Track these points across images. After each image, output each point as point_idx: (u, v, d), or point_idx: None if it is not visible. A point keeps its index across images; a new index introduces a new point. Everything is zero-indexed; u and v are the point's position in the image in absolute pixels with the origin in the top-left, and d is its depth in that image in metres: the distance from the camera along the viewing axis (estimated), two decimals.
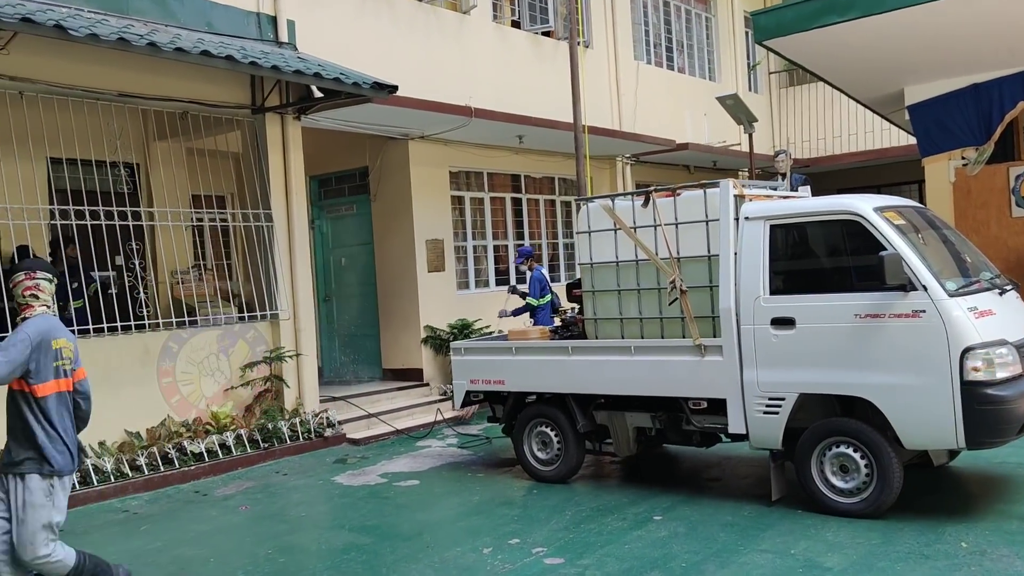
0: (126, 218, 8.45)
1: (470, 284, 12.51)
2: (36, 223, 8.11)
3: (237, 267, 10.83)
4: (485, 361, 7.72)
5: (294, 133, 9.77)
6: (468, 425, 10.34)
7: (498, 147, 12.64)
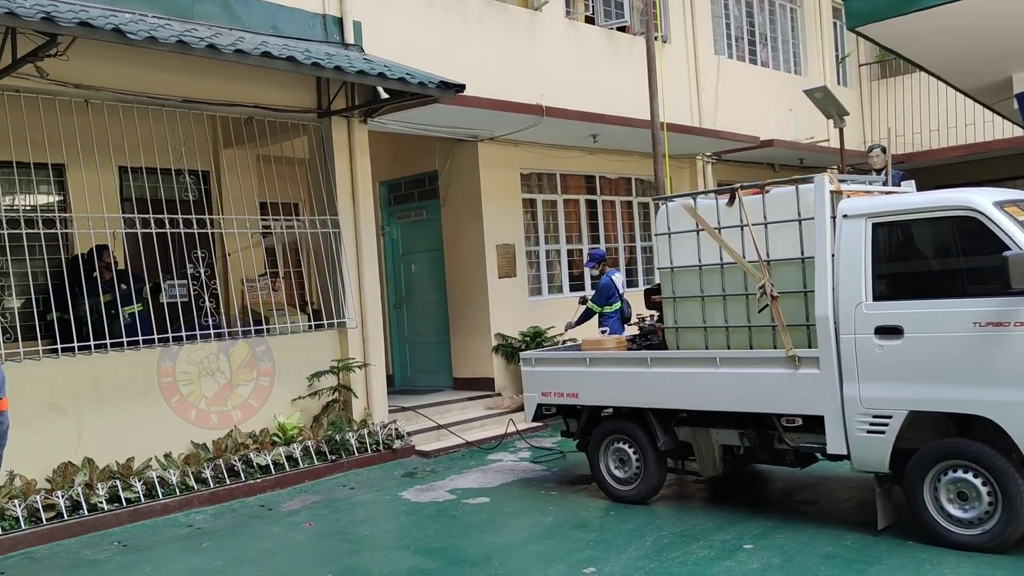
0: (193, 225, 8.30)
1: (543, 290, 12.08)
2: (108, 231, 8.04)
3: (308, 275, 10.65)
4: (557, 373, 7.27)
5: (360, 136, 9.52)
6: (541, 437, 9.91)
7: (571, 147, 12.19)
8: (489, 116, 9.98)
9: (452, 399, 10.66)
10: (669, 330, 6.88)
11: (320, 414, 9.02)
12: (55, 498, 6.88)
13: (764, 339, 6.25)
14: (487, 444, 9.63)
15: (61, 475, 7.11)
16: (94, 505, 7.05)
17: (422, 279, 11.87)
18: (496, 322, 11.13)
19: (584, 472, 7.81)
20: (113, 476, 7.32)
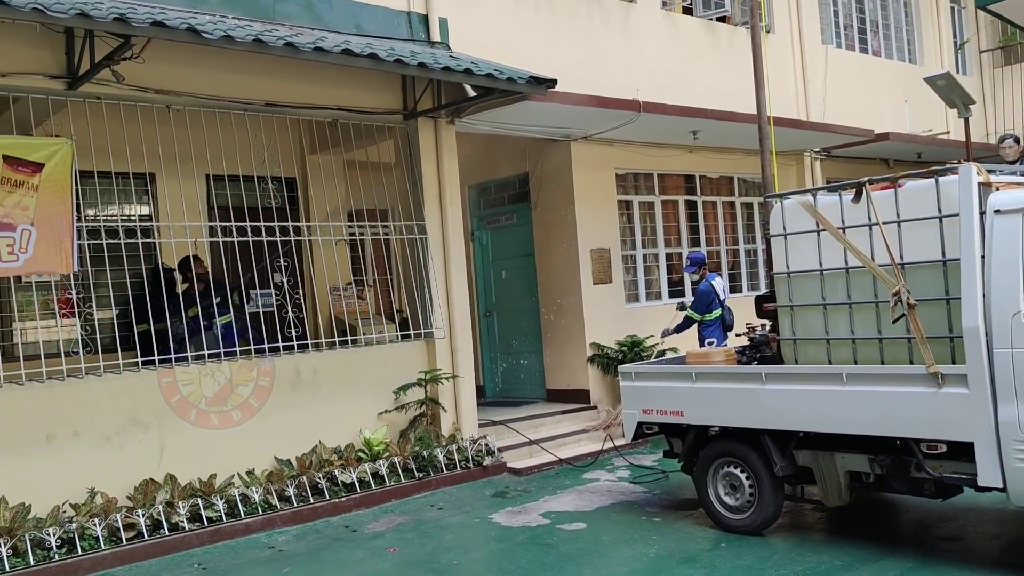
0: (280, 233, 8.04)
1: (640, 296, 11.42)
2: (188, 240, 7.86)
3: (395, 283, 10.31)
4: (660, 388, 6.65)
5: (448, 138, 9.11)
6: (641, 455, 9.27)
7: (669, 145, 11.51)
8: (582, 113, 9.43)
9: (545, 412, 10.13)
10: (786, 342, 6.18)
11: (407, 429, 8.63)
12: (135, 517, 6.66)
13: (898, 353, 5.51)
14: (582, 461, 9.06)
15: (142, 492, 6.90)
16: (175, 524, 6.80)
17: (513, 286, 11.39)
18: (591, 331, 10.55)
19: (689, 495, 7.16)
20: (195, 494, 7.08)
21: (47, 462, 6.64)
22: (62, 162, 6.74)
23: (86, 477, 6.76)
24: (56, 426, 6.72)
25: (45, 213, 6.61)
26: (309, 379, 8.11)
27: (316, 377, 8.15)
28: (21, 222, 6.50)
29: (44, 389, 6.64)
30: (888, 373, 5.38)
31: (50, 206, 6.64)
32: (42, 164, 6.65)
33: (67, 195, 6.74)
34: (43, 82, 6.72)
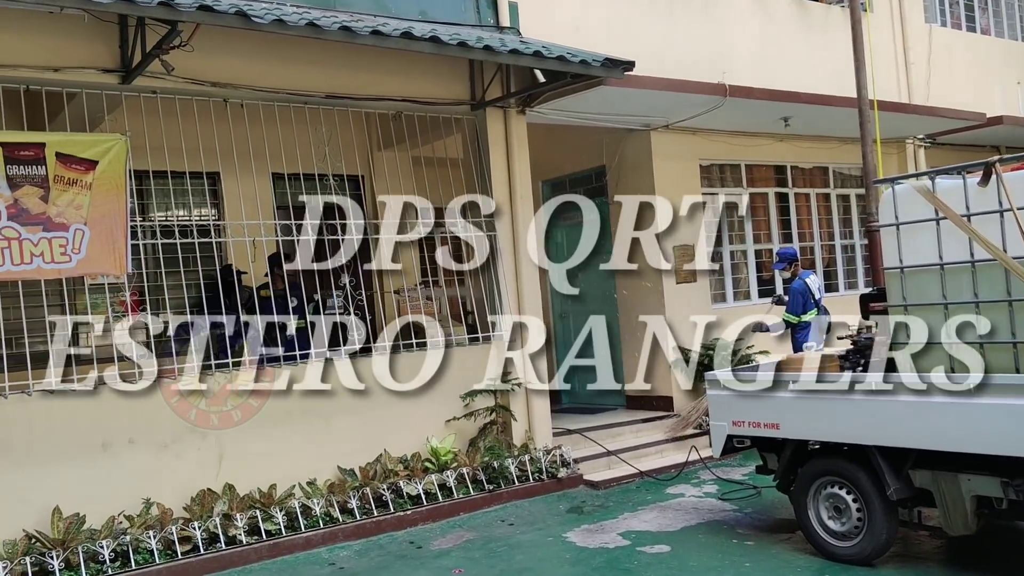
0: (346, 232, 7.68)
1: (727, 296, 10.68)
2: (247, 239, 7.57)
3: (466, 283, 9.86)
4: (753, 398, 5.97)
5: (518, 128, 8.58)
6: (729, 467, 8.56)
7: (758, 134, 10.74)
8: (662, 99, 8.78)
9: (624, 420, 9.50)
10: (898, 346, 5.43)
11: (476, 437, 8.14)
12: (191, 529, 6.34)
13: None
14: (665, 474, 8.41)
15: (199, 503, 6.59)
16: (232, 538, 6.46)
17: (590, 286, 10.78)
18: (674, 333, 9.87)
19: (786, 515, 6.47)
20: (253, 505, 6.73)
21: (102, 471, 6.38)
22: (116, 159, 6.48)
23: (142, 486, 6.48)
24: (112, 433, 6.46)
25: (99, 212, 6.36)
26: (373, 384, 7.69)
27: (381, 382, 7.72)
28: (74, 222, 6.25)
29: (99, 396, 6.38)
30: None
31: (104, 205, 6.38)
32: (96, 161, 6.39)
33: (122, 193, 6.47)
34: (97, 76, 6.48)
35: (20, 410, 6.12)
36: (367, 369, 7.64)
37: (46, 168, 6.17)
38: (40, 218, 6.11)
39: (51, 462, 6.20)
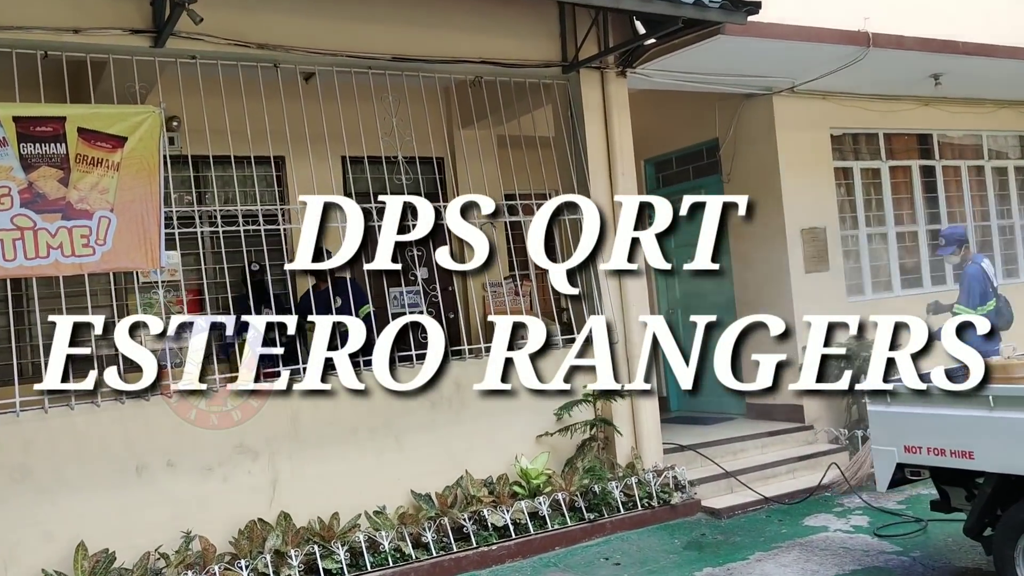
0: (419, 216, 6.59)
1: (865, 287, 9.13)
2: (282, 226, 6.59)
3: None
4: (934, 417, 4.57)
5: (618, 93, 7.33)
6: (879, 493, 7.11)
7: (899, 97, 9.16)
8: (793, 52, 7.34)
9: (746, 435, 8.11)
10: None
11: (574, 456, 6.93)
12: (237, 569, 5.36)
13: None
14: (798, 499, 7.04)
15: (248, 537, 5.60)
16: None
17: (702, 278, 9.40)
18: (803, 331, 8.40)
19: (968, 563, 5.06)
20: (311, 539, 5.71)
21: (136, 499, 5.47)
22: (148, 135, 5.56)
23: (182, 517, 5.54)
24: (148, 454, 5.55)
25: (128, 197, 5.45)
26: (452, 394, 6.59)
27: (461, 392, 6.61)
28: (99, 208, 5.36)
29: (133, 410, 5.48)
30: None
31: (133, 188, 5.47)
32: (124, 138, 5.49)
33: (154, 175, 5.55)
34: (124, 38, 5.57)
35: (40, 429, 5.27)
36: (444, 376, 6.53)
37: (66, 146, 5.29)
38: (59, 204, 5.23)
39: (77, 489, 5.32)
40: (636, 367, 7.18)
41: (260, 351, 5.94)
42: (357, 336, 5.97)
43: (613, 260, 7.10)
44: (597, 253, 7.01)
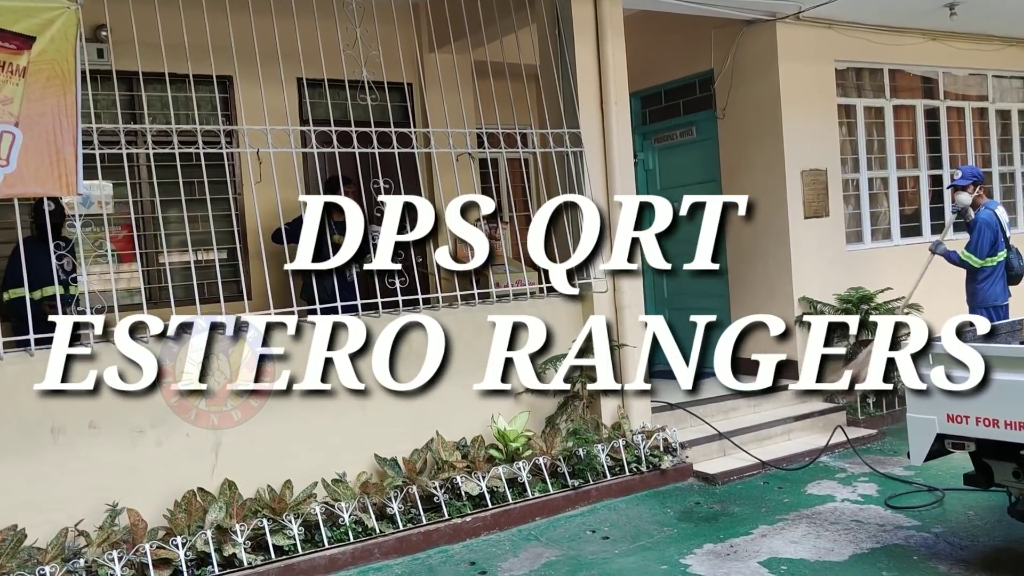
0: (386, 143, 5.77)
1: (864, 235, 8.53)
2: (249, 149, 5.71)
3: None
4: (989, 383, 3.95)
5: (612, 10, 6.51)
6: (881, 455, 6.61)
7: (906, 30, 8.46)
8: None
9: (737, 391, 7.48)
10: None
11: (555, 416, 6.27)
12: (172, 548, 4.61)
13: None
14: (797, 463, 6.50)
15: (186, 510, 4.85)
16: (230, 559, 4.73)
17: (690, 223, 8.70)
18: (800, 281, 7.82)
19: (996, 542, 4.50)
20: (260, 511, 4.98)
21: (51, 466, 4.68)
22: (62, 36, 4.63)
23: (106, 488, 4.77)
24: (66, 414, 4.74)
25: (36, 110, 4.53)
26: (421, 348, 5.83)
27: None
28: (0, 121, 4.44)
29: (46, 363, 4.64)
30: None
31: (44, 100, 4.56)
32: (32, 38, 4.55)
33: (69, 84, 4.64)
34: None
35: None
36: (412, 327, 5.78)
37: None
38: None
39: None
40: (625, 319, 6.51)
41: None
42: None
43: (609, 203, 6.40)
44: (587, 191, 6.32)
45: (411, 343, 5.73)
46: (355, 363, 5.28)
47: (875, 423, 7.30)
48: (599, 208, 6.34)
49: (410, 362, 5.76)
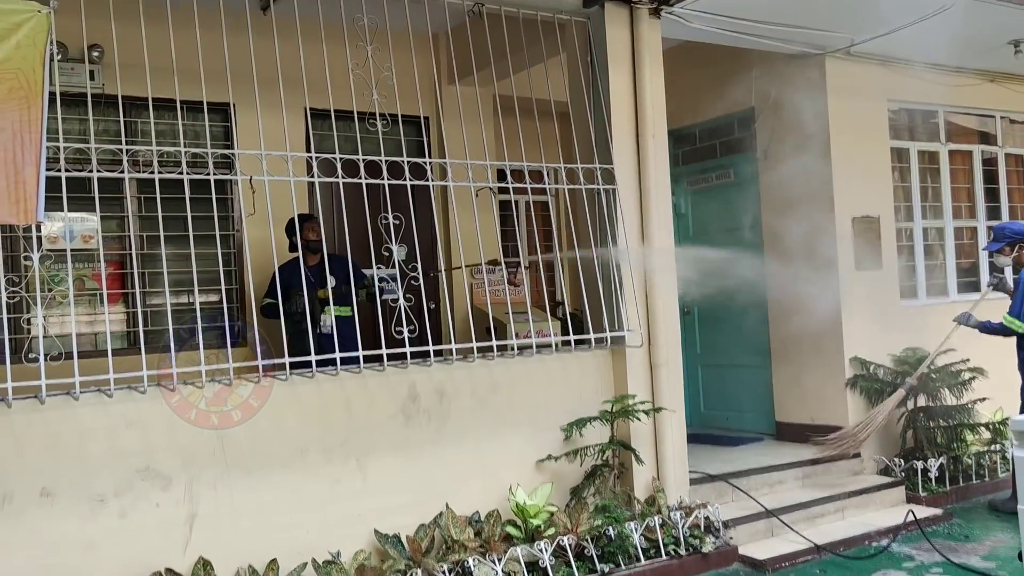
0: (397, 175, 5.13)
1: (919, 290, 7.81)
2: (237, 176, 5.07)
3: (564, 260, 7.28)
4: None
5: (651, 37, 5.91)
6: (953, 540, 5.80)
7: (962, 70, 7.85)
8: None
9: (782, 462, 6.70)
10: None
11: (582, 487, 5.52)
12: None
13: None
14: (856, 548, 5.71)
15: None
16: None
17: (727, 272, 8.01)
18: (851, 338, 7.09)
19: None
20: None
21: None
22: (29, 42, 4.05)
23: (59, 567, 4.06)
24: (14, 479, 4.04)
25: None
26: (432, 405, 5.14)
27: (443, 403, 5.17)
28: None
29: None
30: None
31: (4, 113, 3.96)
32: None
33: (36, 98, 4.04)
34: None
35: None
36: (421, 382, 5.09)
37: None
38: None
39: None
40: (662, 378, 5.78)
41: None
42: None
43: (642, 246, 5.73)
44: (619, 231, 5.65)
45: (419, 400, 5.05)
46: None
47: (939, 501, 6.50)
48: (633, 251, 5.71)
49: (418, 422, 5.08)
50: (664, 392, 5.75)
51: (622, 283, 5.73)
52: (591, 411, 5.55)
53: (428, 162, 5.29)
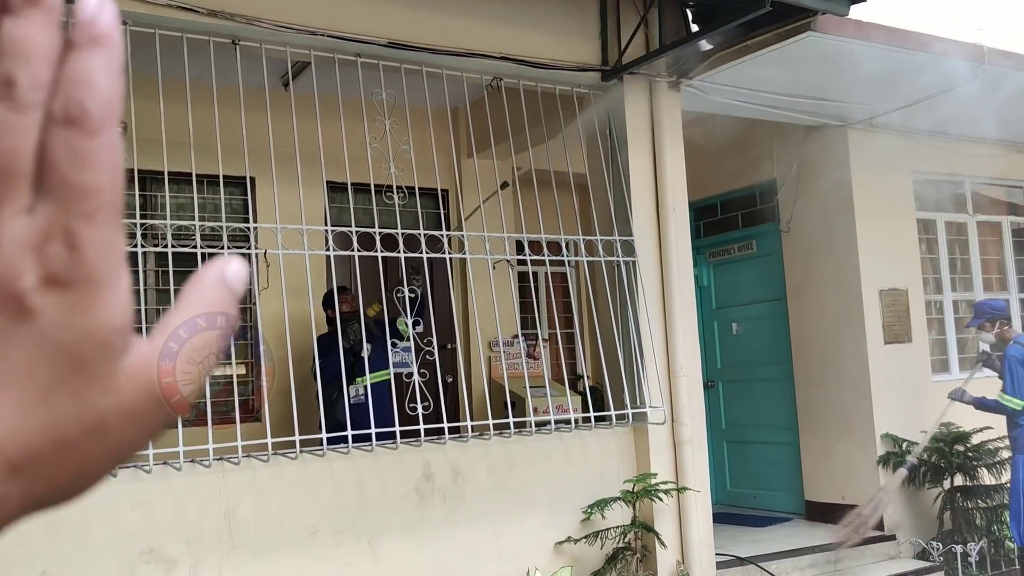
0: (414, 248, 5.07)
1: (951, 364, 7.59)
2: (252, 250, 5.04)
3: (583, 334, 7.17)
4: None
5: (670, 108, 5.89)
6: None
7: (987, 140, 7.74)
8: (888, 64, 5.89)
9: (813, 544, 6.42)
10: None
11: (603, 571, 5.28)
12: None
13: None
14: None
15: None
16: None
17: (751, 345, 7.85)
18: (882, 414, 6.85)
19: None
20: None
21: None
22: None
23: None
24: (11, 566, 3.91)
25: None
26: (447, 485, 4.97)
27: (458, 482, 5.00)
28: None
29: None
30: None
31: None
32: None
33: None
34: None
35: None
36: (436, 460, 4.94)
37: None
38: None
39: None
40: (686, 456, 5.58)
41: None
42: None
43: (667, 317, 5.61)
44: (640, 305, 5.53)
45: (434, 480, 4.89)
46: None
47: None
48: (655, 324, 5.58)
49: (432, 502, 4.90)
50: (689, 471, 5.54)
51: (644, 357, 5.57)
52: (612, 491, 5.34)
53: (444, 234, 5.23)
